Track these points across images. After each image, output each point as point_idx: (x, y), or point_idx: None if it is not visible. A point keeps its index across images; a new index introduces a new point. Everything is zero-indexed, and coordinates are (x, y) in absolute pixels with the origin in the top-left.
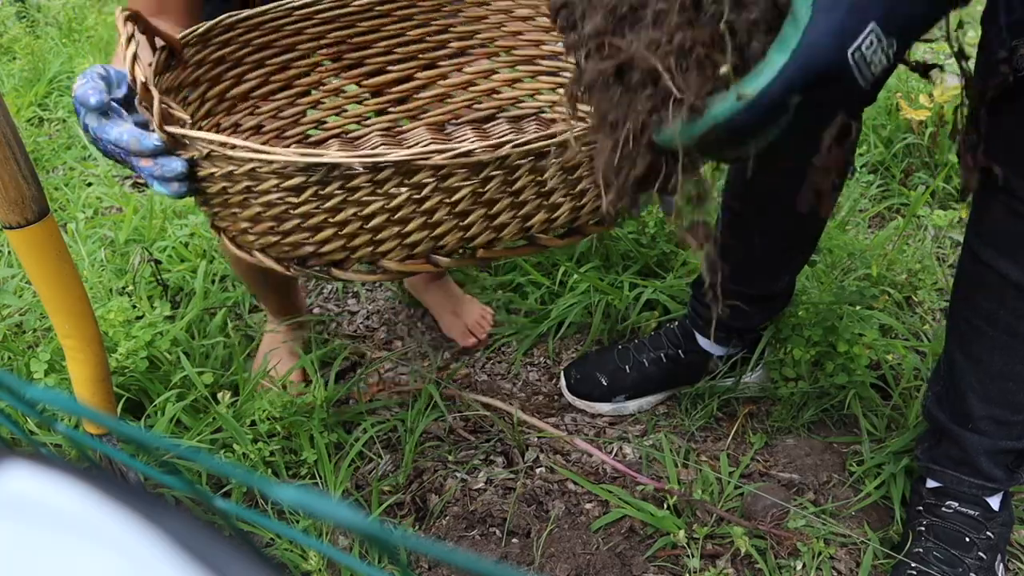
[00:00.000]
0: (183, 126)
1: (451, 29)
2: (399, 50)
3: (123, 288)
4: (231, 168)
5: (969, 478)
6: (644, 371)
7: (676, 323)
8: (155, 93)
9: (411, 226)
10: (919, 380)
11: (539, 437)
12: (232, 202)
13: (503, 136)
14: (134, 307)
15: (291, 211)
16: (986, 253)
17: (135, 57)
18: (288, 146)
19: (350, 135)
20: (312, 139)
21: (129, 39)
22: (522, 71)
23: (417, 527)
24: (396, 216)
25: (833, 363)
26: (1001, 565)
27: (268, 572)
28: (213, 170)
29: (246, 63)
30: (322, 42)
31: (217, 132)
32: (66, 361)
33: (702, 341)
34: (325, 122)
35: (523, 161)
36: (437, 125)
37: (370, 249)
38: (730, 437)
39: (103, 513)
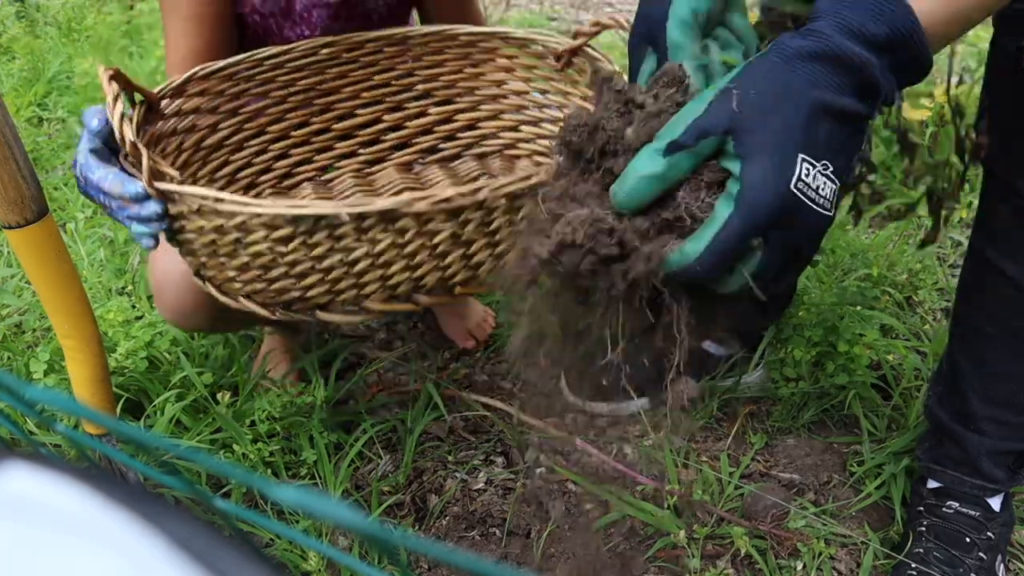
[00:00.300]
0: (172, 182)
1: (415, 72)
2: (366, 94)
3: (123, 288)
4: (221, 221)
5: (970, 478)
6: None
7: None
8: (143, 151)
9: (393, 268)
10: (920, 380)
11: (539, 437)
12: (221, 252)
13: (470, 173)
14: (134, 307)
15: (279, 260)
16: (992, 255)
17: (123, 117)
18: (263, 191)
19: (322, 178)
20: (285, 184)
21: (115, 98)
22: (485, 110)
23: (417, 527)
24: (380, 260)
25: (834, 363)
26: (1002, 565)
27: (268, 572)
28: (202, 223)
29: (220, 112)
30: (292, 89)
31: (195, 181)
32: (65, 361)
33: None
34: (298, 166)
35: (499, 203)
36: (406, 165)
37: (354, 292)
38: (730, 437)
39: (103, 513)
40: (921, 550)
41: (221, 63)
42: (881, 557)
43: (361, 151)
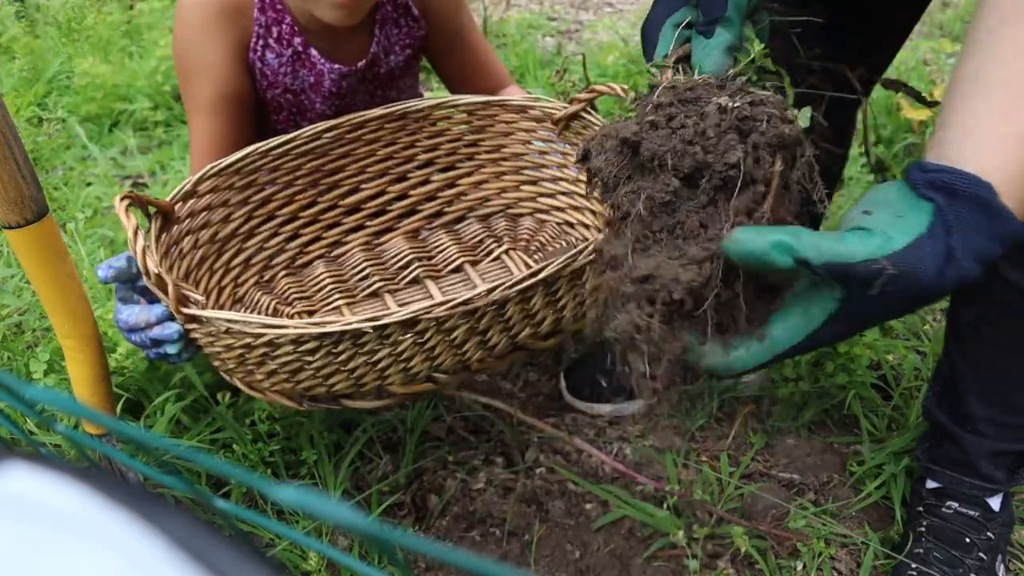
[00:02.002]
0: (200, 307)
1: (417, 144)
2: (370, 169)
3: None
4: (249, 340)
5: (969, 479)
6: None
7: None
8: (168, 281)
9: (414, 361)
10: (920, 380)
11: (539, 437)
12: (250, 363)
13: (475, 236)
14: None
15: (306, 366)
16: None
17: (144, 250)
18: (276, 274)
19: (332, 254)
20: (298, 263)
21: (135, 233)
22: (485, 173)
23: (417, 527)
24: (401, 357)
25: (833, 363)
26: (1001, 566)
27: (268, 572)
28: (231, 341)
29: (231, 205)
30: (298, 174)
31: (211, 273)
32: (65, 361)
33: None
34: (308, 245)
35: (511, 297)
36: (412, 232)
37: (377, 383)
38: (730, 437)
39: (103, 513)
40: (921, 550)
41: (229, 159)
42: (881, 557)
43: (368, 223)
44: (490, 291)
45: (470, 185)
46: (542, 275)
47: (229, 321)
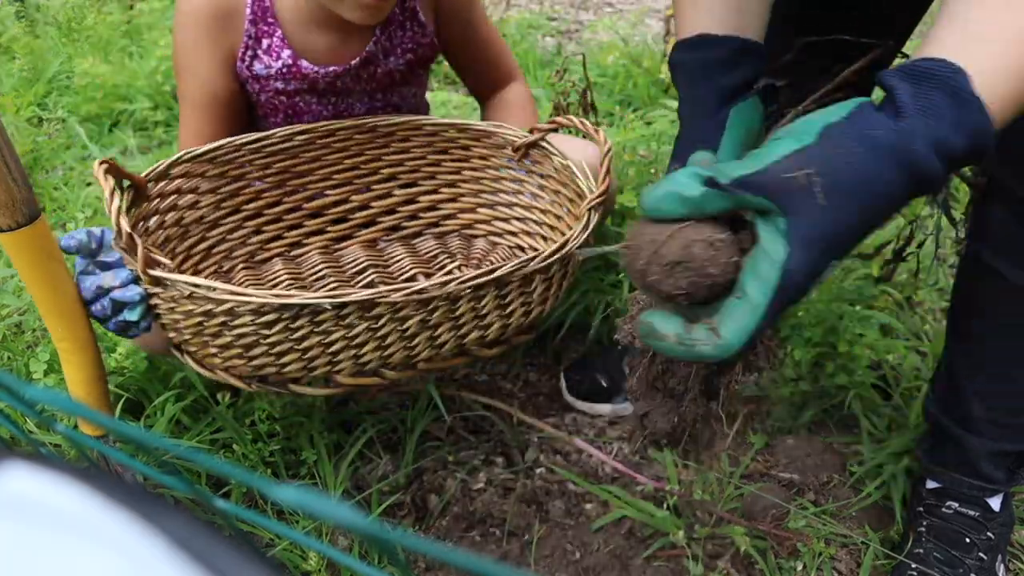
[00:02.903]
0: (165, 270)
1: (383, 157)
2: (336, 176)
3: None
4: (210, 307)
5: (969, 479)
6: None
7: None
8: (139, 242)
9: (365, 349)
10: (919, 380)
11: (539, 437)
12: (206, 333)
13: (430, 251)
14: None
15: (261, 340)
16: (988, 255)
17: (119, 209)
18: (235, 266)
19: (291, 254)
20: (257, 258)
21: (112, 192)
22: (445, 192)
23: (417, 527)
24: (354, 342)
25: (833, 363)
26: (1001, 566)
27: (268, 572)
28: (192, 307)
29: (200, 192)
30: (268, 172)
31: (173, 256)
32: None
33: None
34: (269, 243)
35: (464, 293)
36: (370, 242)
37: (327, 368)
38: (730, 437)
39: (103, 513)
40: (921, 550)
41: (203, 148)
42: (881, 557)
43: (329, 229)
44: (445, 283)
45: (429, 202)
46: (496, 274)
47: (193, 286)
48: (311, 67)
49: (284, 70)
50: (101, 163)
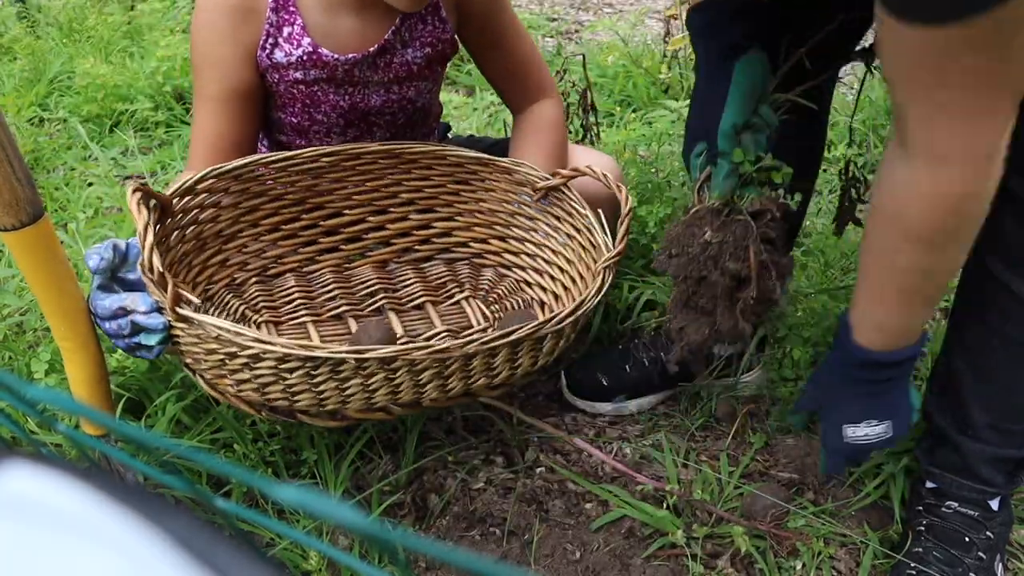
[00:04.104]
0: (194, 310)
1: (404, 182)
2: (356, 197)
3: None
4: (234, 349)
5: (968, 482)
6: (644, 371)
7: None
8: (169, 279)
9: (378, 392)
10: (919, 380)
11: (539, 437)
12: (226, 368)
13: (439, 278)
14: None
15: (280, 381)
16: (992, 262)
17: (152, 246)
18: (247, 280)
19: (304, 271)
20: (270, 272)
21: (146, 227)
22: (460, 221)
23: (417, 527)
24: (369, 387)
25: None
26: (1000, 565)
27: (268, 572)
28: (216, 347)
29: (221, 207)
30: (290, 190)
31: (189, 269)
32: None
33: None
34: (282, 259)
35: (479, 351)
36: (381, 263)
37: (338, 405)
38: (730, 437)
39: (103, 513)
40: (920, 549)
41: (231, 164)
42: (880, 557)
43: (342, 247)
44: (466, 344)
45: (443, 228)
46: (512, 338)
47: (220, 329)
48: (330, 54)
49: (304, 57)
50: (135, 191)
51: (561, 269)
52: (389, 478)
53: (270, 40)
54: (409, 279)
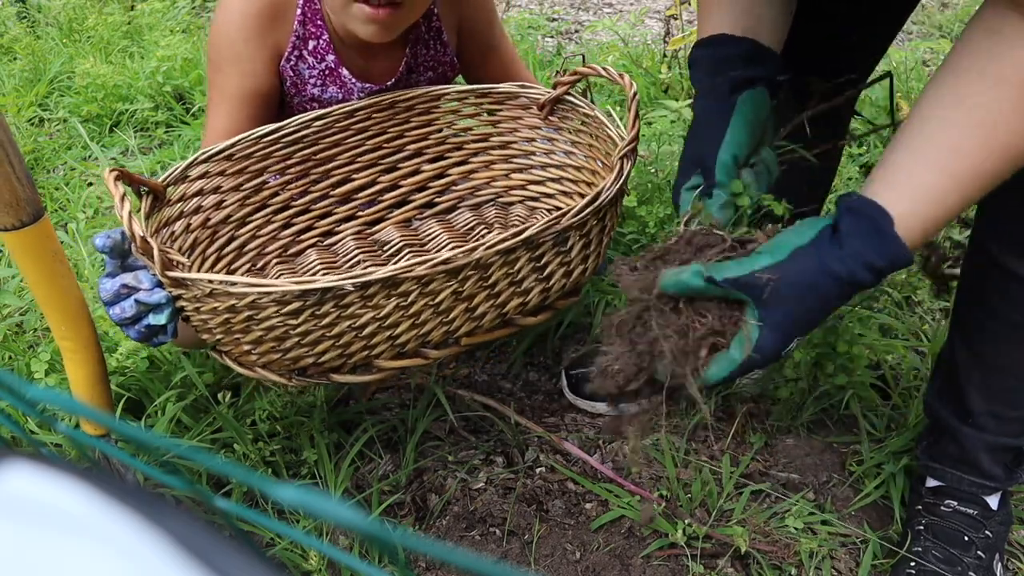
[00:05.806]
0: (182, 269)
1: (406, 133)
2: (360, 159)
3: None
4: (232, 301)
5: (968, 476)
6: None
7: None
8: (153, 244)
9: (400, 329)
10: (919, 380)
11: (539, 437)
12: (235, 329)
13: (467, 224)
14: None
15: (291, 331)
16: (995, 248)
17: (130, 214)
18: (269, 262)
19: (326, 243)
20: (291, 251)
21: (122, 198)
22: (476, 162)
23: (417, 527)
24: (387, 323)
25: (833, 363)
26: (1000, 564)
27: (268, 572)
28: (215, 304)
29: (223, 191)
30: (289, 162)
31: (203, 259)
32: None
33: None
34: (301, 234)
35: (494, 259)
36: (404, 222)
37: (365, 353)
38: (730, 437)
39: (103, 513)
40: (920, 549)
41: (220, 145)
42: (880, 556)
43: (360, 213)
44: (471, 249)
45: (460, 175)
46: (523, 236)
47: (211, 282)
48: (350, 77)
49: (326, 71)
50: (111, 171)
51: (589, 184)
52: (389, 478)
53: (295, 51)
54: (435, 231)
